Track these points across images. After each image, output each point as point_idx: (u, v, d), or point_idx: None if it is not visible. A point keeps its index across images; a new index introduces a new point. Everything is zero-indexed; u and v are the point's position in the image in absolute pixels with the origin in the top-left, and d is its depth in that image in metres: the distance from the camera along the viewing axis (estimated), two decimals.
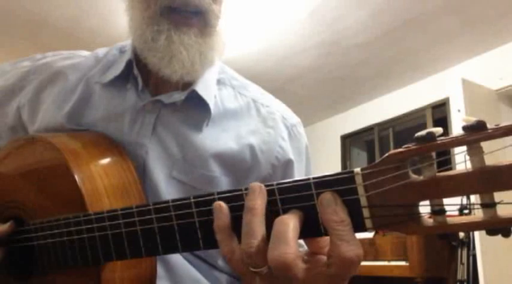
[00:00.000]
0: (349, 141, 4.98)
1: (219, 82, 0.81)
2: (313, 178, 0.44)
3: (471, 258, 2.99)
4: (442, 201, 0.39)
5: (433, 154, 0.39)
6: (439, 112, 4.02)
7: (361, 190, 0.41)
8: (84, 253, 0.58)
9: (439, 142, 0.37)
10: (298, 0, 2.98)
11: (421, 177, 0.39)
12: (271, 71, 3.89)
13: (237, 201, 0.47)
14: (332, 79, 4.13)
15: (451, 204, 0.39)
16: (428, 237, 3.12)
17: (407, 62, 3.82)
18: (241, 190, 0.47)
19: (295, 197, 0.45)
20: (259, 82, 0.89)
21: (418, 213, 0.40)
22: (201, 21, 0.69)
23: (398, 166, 0.40)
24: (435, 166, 0.39)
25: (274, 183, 0.46)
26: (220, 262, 0.76)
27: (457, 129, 3.62)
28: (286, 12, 3.11)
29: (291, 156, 0.80)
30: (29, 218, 0.65)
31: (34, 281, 0.65)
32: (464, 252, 3.07)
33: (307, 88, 4.31)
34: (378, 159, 0.41)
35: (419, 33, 3.36)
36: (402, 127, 4.45)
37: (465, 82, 3.31)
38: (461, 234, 3.11)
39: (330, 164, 4.85)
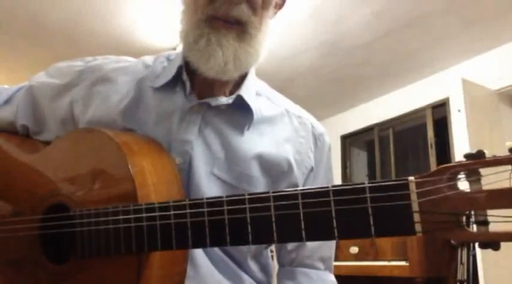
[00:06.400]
0: (349, 141, 5.00)
1: (256, 93, 0.87)
2: (369, 182, 0.48)
3: (471, 258, 3.01)
4: (486, 212, 0.42)
5: (481, 170, 0.42)
6: (439, 112, 4.04)
7: (413, 196, 0.45)
8: (128, 242, 0.61)
9: (487, 159, 0.41)
10: (299, 1, 2.98)
11: (469, 189, 0.42)
12: (272, 70, 3.90)
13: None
14: (332, 79, 4.15)
15: (495, 215, 0.41)
16: (428, 237, 3.11)
17: (408, 62, 3.84)
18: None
19: (349, 199, 0.49)
20: None
21: (463, 221, 0.43)
22: (240, 28, 0.76)
23: (449, 178, 0.43)
24: (481, 181, 0.42)
25: (330, 185, 0.50)
26: (249, 262, 0.81)
27: (457, 129, 3.64)
28: (287, 13, 3.12)
29: (313, 164, 0.86)
30: (74, 206, 0.69)
31: (71, 266, 0.68)
32: (464, 252, 3.09)
33: (308, 88, 4.32)
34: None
35: (419, 34, 3.38)
36: (402, 127, 4.46)
37: (465, 82, 3.33)
38: None
39: None
